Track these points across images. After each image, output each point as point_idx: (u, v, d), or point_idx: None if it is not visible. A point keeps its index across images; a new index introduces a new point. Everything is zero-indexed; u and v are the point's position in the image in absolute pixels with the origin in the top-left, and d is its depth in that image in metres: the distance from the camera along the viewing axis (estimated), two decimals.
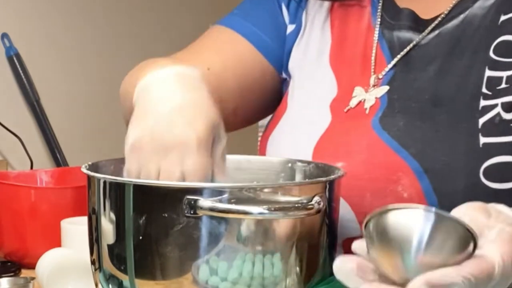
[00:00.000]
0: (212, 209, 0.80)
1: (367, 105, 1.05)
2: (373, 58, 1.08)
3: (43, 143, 2.49)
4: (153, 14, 2.78)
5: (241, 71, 1.14)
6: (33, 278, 1.15)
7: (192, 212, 0.80)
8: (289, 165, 1.02)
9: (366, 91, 1.06)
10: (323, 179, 0.89)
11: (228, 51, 1.15)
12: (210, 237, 0.81)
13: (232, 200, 0.81)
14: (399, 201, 0.98)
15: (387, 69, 1.07)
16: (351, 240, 1.00)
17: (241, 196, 0.81)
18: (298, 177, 1.01)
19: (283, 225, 0.83)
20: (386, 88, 1.05)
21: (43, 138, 2.49)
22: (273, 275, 0.82)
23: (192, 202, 0.80)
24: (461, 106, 0.99)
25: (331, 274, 0.89)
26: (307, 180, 0.97)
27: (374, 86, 1.06)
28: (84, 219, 1.22)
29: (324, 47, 1.13)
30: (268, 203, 0.81)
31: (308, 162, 1.00)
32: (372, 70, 1.08)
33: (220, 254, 0.81)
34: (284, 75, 1.17)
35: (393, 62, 1.06)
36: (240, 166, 1.03)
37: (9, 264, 1.36)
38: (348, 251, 0.93)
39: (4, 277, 1.18)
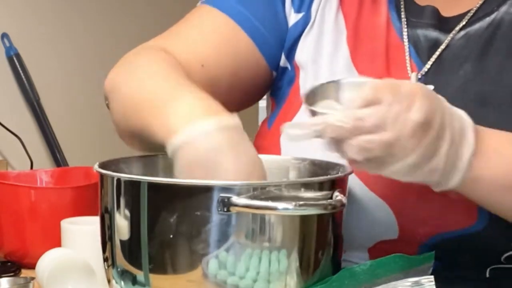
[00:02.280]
0: (247, 206, 0.81)
1: None
2: (407, 58, 1.06)
3: (43, 143, 2.49)
4: (153, 15, 2.78)
5: (235, 70, 1.11)
6: (33, 278, 1.15)
7: (225, 210, 0.82)
8: (283, 162, 1.02)
9: None
10: (342, 174, 0.90)
11: (224, 45, 1.10)
12: (221, 232, 0.82)
13: (262, 197, 0.82)
14: (446, 205, 0.97)
15: (425, 69, 1.05)
16: (384, 242, 1.00)
17: (265, 193, 0.82)
18: (292, 174, 1.00)
19: (295, 222, 0.83)
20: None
21: (43, 138, 2.49)
22: (278, 271, 0.83)
23: (225, 200, 0.81)
24: (506, 105, 0.99)
25: (333, 272, 0.88)
26: (329, 176, 0.94)
27: None
28: (84, 219, 1.23)
29: (339, 39, 1.09)
30: (293, 199, 0.81)
31: (303, 159, 1.00)
32: (409, 69, 1.05)
33: (230, 249, 0.82)
34: (284, 65, 1.13)
35: (430, 63, 1.05)
36: None
37: (9, 264, 1.36)
38: (377, 253, 0.92)
39: (4, 277, 1.18)
